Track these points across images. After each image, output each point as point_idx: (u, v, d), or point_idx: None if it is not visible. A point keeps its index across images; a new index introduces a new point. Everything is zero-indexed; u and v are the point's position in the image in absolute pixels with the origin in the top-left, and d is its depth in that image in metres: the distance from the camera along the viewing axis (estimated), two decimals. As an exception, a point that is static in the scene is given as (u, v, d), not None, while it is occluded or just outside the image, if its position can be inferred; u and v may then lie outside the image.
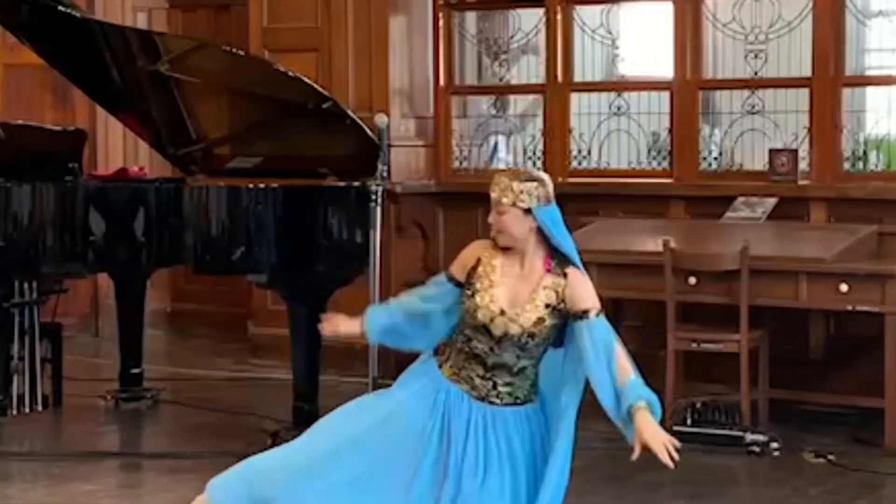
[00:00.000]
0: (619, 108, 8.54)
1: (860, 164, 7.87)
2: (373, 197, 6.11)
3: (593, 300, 4.14)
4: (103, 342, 9.60)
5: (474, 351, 4.23)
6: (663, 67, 8.42)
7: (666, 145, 8.38)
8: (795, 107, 7.98)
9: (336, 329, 4.45)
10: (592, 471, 6.12)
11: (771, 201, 7.65)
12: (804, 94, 7.88)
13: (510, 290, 4.18)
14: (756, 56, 8.03)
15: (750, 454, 6.66)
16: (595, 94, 8.70)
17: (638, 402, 3.98)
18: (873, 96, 8.30)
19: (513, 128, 9.18)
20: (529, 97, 9.16)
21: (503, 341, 4.16)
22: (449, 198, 8.80)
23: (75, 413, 7.62)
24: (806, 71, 7.87)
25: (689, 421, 6.90)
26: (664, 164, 8.32)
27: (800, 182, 7.76)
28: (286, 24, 9.02)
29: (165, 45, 7.25)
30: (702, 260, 7.01)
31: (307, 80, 6.88)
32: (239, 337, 9.47)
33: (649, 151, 8.52)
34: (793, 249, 7.19)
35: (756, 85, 8.06)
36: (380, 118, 6.27)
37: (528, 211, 4.13)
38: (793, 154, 7.80)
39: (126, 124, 8.13)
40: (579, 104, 8.69)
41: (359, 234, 6.65)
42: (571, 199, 8.29)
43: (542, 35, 8.64)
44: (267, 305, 8.89)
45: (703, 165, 8.17)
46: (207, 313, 10.20)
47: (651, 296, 7.17)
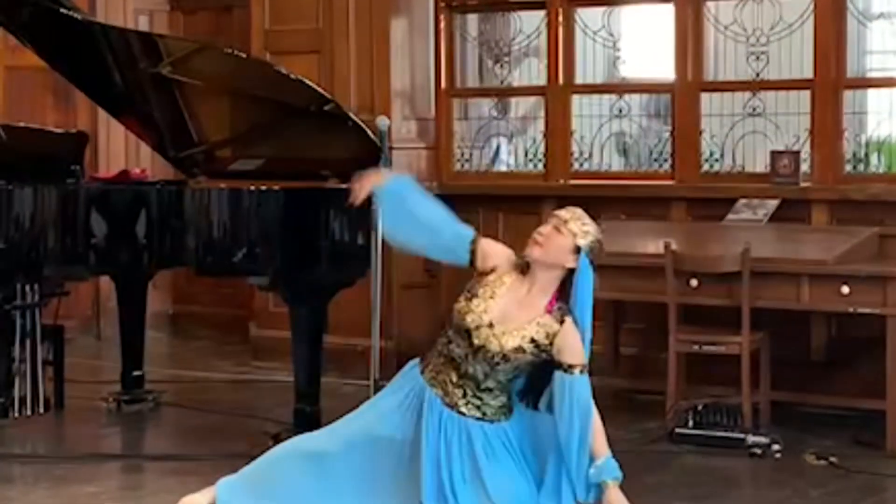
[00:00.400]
0: (621, 111, 8.54)
1: (861, 166, 7.86)
2: (374, 199, 6.11)
3: (581, 357, 4.25)
4: (105, 344, 9.61)
5: (452, 354, 4.29)
6: (664, 69, 8.43)
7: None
8: (797, 109, 7.97)
9: (364, 188, 4.60)
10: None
11: (772, 203, 7.64)
12: (805, 96, 7.87)
13: (506, 310, 4.25)
14: (757, 58, 8.03)
15: (751, 456, 6.65)
16: (596, 96, 8.72)
17: (614, 479, 4.24)
18: (875, 98, 8.28)
19: (514, 130, 9.18)
20: (531, 99, 9.16)
21: (479, 353, 4.23)
22: (450, 200, 8.73)
23: (77, 415, 7.61)
24: (807, 73, 7.87)
25: (691, 423, 6.90)
26: (665, 166, 8.33)
27: (801, 184, 7.76)
28: (288, 26, 9.02)
29: (167, 48, 7.25)
30: (703, 262, 7.01)
31: (309, 83, 6.88)
32: (240, 339, 9.47)
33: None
34: (794, 251, 7.19)
35: (757, 87, 8.05)
36: (381, 120, 6.28)
37: (578, 251, 4.22)
38: (794, 156, 7.80)
39: (128, 126, 8.12)
40: (580, 106, 8.69)
41: (360, 237, 6.64)
42: (573, 202, 8.31)
43: (544, 37, 8.64)
44: (268, 307, 8.89)
45: (705, 167, 8.16)
46: (209, 315, 10.21)
47: (652, 298, 7.17)
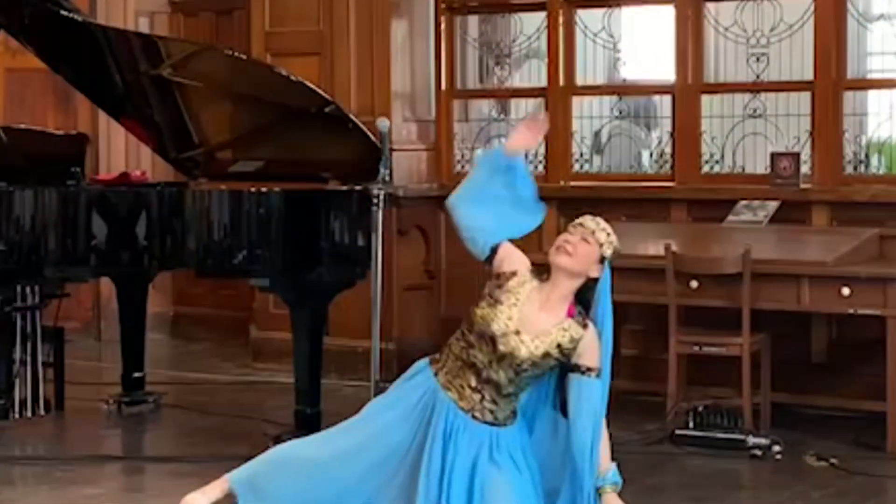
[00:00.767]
0: (622, 112, 8.54)
1: (862, 168, 7.86)
2: (375, 200, 6.13)
3: (598, 362, 4.33)
4: (105, 346, 9.61)
5: (472, 360, 4.28)
6: (665, 71, 8.43)
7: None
8: (797, 110, 7.97)
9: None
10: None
11: (773, 205, 7.64)
12: (806, 98, 7.87)
13: (529, 316, 4.29)
14: (758, 59, 8.03)
15: (752, 458, 6.65)
16: (597, 98, 8.72)
17: (613, 485, 4.30)
18: (875, 99, 8.28)
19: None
20: (532, 101, 9.15)
21: (504, 359, 4.24)
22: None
23: (77, 417, 7.62)
24: (808, 74, 7.87)
25: (692, 424, 6.89)
26: (666, 168, 8.33)
27: (802, 185, 7.76)
28: (288, 28, 9.02)
29: (167, 50, 7.26)
30: (704, 263, 7.01)
31: (309, 84, 6.88)
32: (241, 340, 9.47)
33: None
34: (795, 253, 7.19)
35: (758, 88, 8.05)
36: (382, 122, 6.29)
37: (603, 261, 4.31)
38: (795, 157, 7.80)
39: (128, 128, 8.12)
40: (581, 108, 8.70)
41: (361, 238, 6.65)
42: (573, 203, 8.32)
43: (544, 38, 8.64)
44: (269, 309, 8.89)
45: (706, 169, 8.16)
46: (209, 317, 10.21)
47: (653, 299, 7.16)
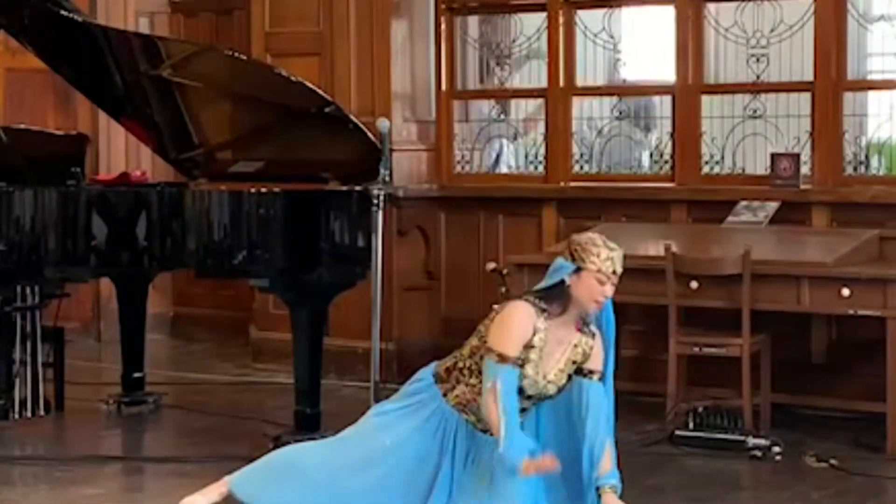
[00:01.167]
0: (622, 112, 8.54)
1: (862, 169, 7.86)
2: (375, 201, 6.12)
3: (601, 365, 4.48)
4: (105, 346, 9.61)
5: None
6: (665, 71, 8.43)
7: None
8: (797, 111, 7.97)
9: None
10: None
11: (773, 205, 7.64)
12: (806, 99, 7.87)
13: (552, 356, 4.35)
14: (758, 60, 8.03)
15: (752, 458, 6.65)
16: (598, 98, 8.72)
17: (612, 486, 4.46)
18: (875, 100, 8.28)
19: (515, 132, 9.18)
20: (532, 101, 9.15)
21: (531, 398, 4.34)
22: (451, 202, 8.80)
23: (77, 417, 7.62)
24: (808, 75, 7.87)
25: (691, 425, 6.89)
26: (666, 168, 8.33)
27: (802, 186, 7.76)
28: (288, 29, 9.02)
29: (167, 50, 7.26)
30: (704, 264, 7.01)
31: (309, 85, 6.88)
32: (241, 341, 9.47)
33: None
34: (795, 253, 7.19)
35: (758, 89, 8.05)
36: (382, 122, 6.28)
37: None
38: (795, 158, 7.80)
39: (128, 129, 8.12)
40: (581, 108, 8.69)
41: (361, 238, 6.65)
42: (574, 204, 8.35)
43: (544, 39, 8.64)
44: (269, 309, 8.89)
45: (706, 169, 8.16)
46: (209, 317, 10.21)
47: (653, 300, 7.16)
